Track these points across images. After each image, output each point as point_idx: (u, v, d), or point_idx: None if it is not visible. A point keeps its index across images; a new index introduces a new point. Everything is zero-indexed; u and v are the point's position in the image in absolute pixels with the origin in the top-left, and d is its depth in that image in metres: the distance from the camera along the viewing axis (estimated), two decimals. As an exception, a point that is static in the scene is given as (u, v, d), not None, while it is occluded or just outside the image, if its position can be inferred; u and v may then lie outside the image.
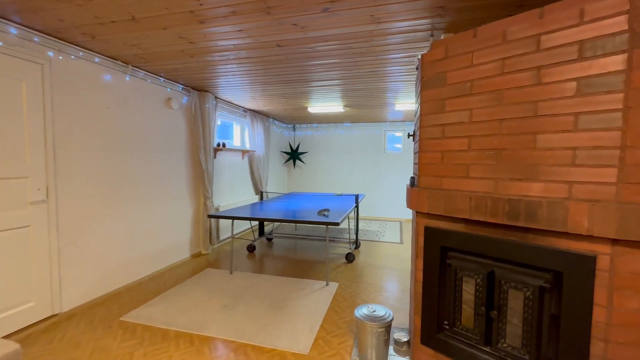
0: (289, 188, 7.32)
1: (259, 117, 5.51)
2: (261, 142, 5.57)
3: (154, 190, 3.28)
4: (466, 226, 1.50)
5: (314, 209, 3.67)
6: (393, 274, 3.38)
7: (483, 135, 1.44)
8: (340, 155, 6.95)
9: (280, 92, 3.94)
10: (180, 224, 3.71)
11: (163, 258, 3.46)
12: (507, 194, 1.36)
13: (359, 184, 6.86)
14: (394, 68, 2.91)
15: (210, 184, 4.04)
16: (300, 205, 4.05)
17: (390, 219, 6.65)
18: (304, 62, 2.78)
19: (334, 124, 6.91)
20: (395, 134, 6.69)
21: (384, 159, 6.71)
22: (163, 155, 3.40)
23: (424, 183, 1.67)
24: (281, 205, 3.99)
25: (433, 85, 1.62)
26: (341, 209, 3.65)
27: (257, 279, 3.19)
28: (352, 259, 3.79)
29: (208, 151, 3.98)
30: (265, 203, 4.24)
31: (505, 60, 1.36)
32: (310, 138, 7.10)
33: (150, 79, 3.18)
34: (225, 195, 4.65)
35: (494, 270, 1.41)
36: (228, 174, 4.74)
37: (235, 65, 2.87)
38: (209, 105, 3.95)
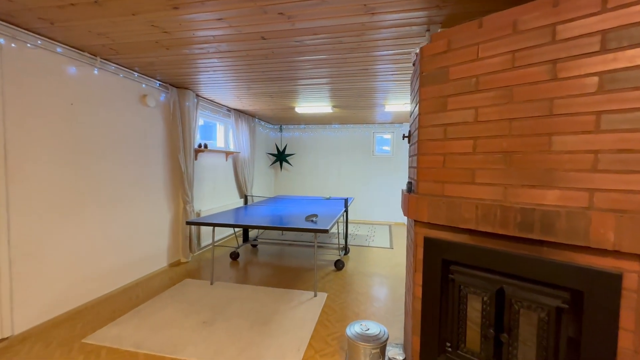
0: (275, 191, 7.09)
1: (244, 117, 5.28)
2: (246, 144, 5.33)
3: (126, 195, 3.01)
4: (471, 237, 1.35)
5: (302, 214, 3.48)
6: (384, 283, 3.23)
7: (490, 137, 1.29)
8: (328, 158, 6.78)
9: (266, 91, 3.74)
10: (157, 231, 3.44)
11: (137, 268, 3.18)
12: (519, 202, 1.22)
13: (348, 186, 6.72)
14: (385, 66, 2.77)
15: (191, 187, 3.78)
16: (287, 209, 3.85)
17: (379, 223, 6.53)
18: (291, 58, 2.60)
19: (322, 125, 6.74)
20: (384, 136, 6.59)
21: (373, 161, 6.59)
22: (137, 156, 3.14)
23: (424, 189, 1.51)
24: (267, 210, 3.78)
25: (433, 81, 1.47)
26: (330, 214, 3.47)
27: (240, 290, 2.97)
28: (341, 266, 3.61)
29: (188, 152, 3.72)
30: (250, 207, 4.01)
31: (515, 53, 1.22)
32: (297, 139, 6.91)
33: (123, 73, 2.92)
34: (207, 199, 4.39)
35: (504, 288, 1.26)
36: (210, 177, 4.49)
37: (216, 59, 2.66)
38: (190, 103, 3.71)
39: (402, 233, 5.59)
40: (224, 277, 3.32)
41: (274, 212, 3.65)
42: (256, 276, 3.37)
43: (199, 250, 4.19)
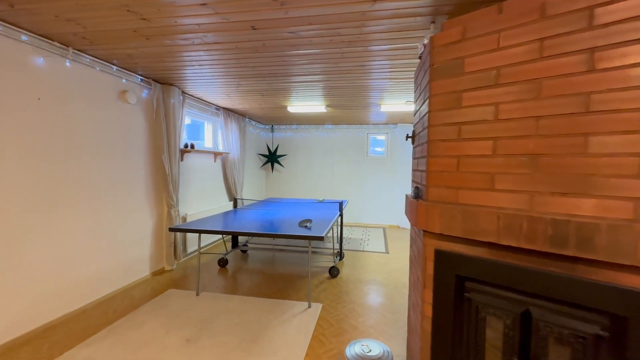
0: (266, 194, 6.87)
1: (234, 116, 5.05)
2: (236, 144, 5.11)
3: (104, 199, 2.76)
4: (490, 251, 1.19)
5: (295, 219, 3.29)
6: (381, 291, 3.06)
7: (513, 137, 1.14)
8: (321, 159, 6.61)
9: (257, 88, 3.53)
10: (138, 237, 3.19)
11: (115, 278, 2.93)
12: (548, 212, 1.06)
13: (341, 189, 6.55)
14: (383, 62, 2.61)
15: (176, 190, 3.54)
16: (279, 214, 3.65)
17: (373, 226, 6.38)
18: (284, 52, 2.41)
19: (314, 126, 6.56)
20: (378, 137, 6.45)
21: (367, 162, 6.44)
22: (117, 157, 2.89)
23: (434, 195, 1.35)
24: (258, 214, 3.57)
25: (446, 74, 1.30)
26: (325, 219, 3.29)
27: (228, 302, 2.75)
28: (336, 273, 3.43)
29: (173, 153, 3.49)
30: (240, 211, 3.79)
31: (544, 41, 1.06)
32: (289, 140, 6.71)
33: (100, 66, 2.68)
34: (193, 202, 4.15)
35: (530, 310, 1.10)
36: (197, 179, 4.25)
37: (203, 52, 2.45)
38: (175, 100, 3.47)
39: (396, 236, 5.45)
40: (211, 287, 3.10)
41: (265, 216, 3.45)
42: (246, 285, 3.16)
43: (185, 257, 3.95)
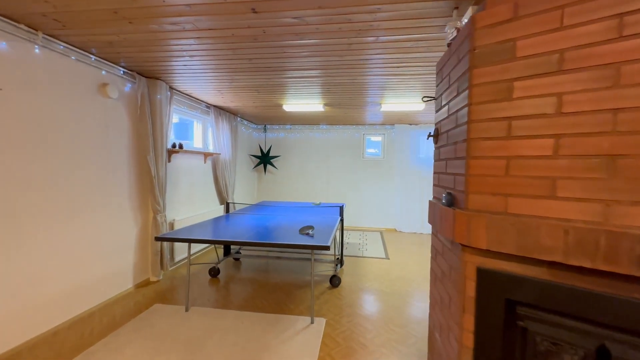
0: (258, 197, 6.59)
1: (225, 115, 4.77)
2: (227, 144, 4.82)
3: (79, 205, 2.45)
4: (553, 272, 0.99)
5: (293, 225, 3.05)
6: (387, 301, 2.85)
7: (582, 134, 0.94)
8: (315, 160, 6.38)
9: (253, 84, 3.28)
10: (120, 246, 2.88)
11: (94, 293, 2.61)
12: (630, 225, 0.86)
13: (336, 191, 6.34)
14: (393, 56, 2.41)
15: (162, 193, 3.25)
16: (275, 219, 3.40)
17: (370, 229, 6.19)
18: (286, 42, 2.17)
19: (309, 126, 6.34)
20: (372, 138, 6.27)
21: (363, 164, 6.26)
22: (95, 157, 2.59)
23: (476, 204, 1.14)
24: (252, 220, 3.31)
25: (492, 60, 1.10)
26: (326, 224, 3.06)
27: (221, 318, 2.48)
28: (337, 282, 3.21)
29: (160, 153, 3.19)
30: (233, 216, 3.52)
31: (624, 17, 0.87)
32: (282, 140, 6.46)
33: (76, 55, 2.37)
34: (182, 206, 3.85)
35: (607, 346, 0.90)
36: (186, 181, 3.95)
37: (194, 41, 2.19)
38: (162, 96, 3.18)
39: (395, 240, 5.27)
40: (201, 300, 2.82)
41: (261, 222, 3.19)
42: (240, 297, 2.89)
43: (173, 266, 3.64)
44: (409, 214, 6.01)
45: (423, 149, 5.95)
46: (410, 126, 5.94)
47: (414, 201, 5.99)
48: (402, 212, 6.04)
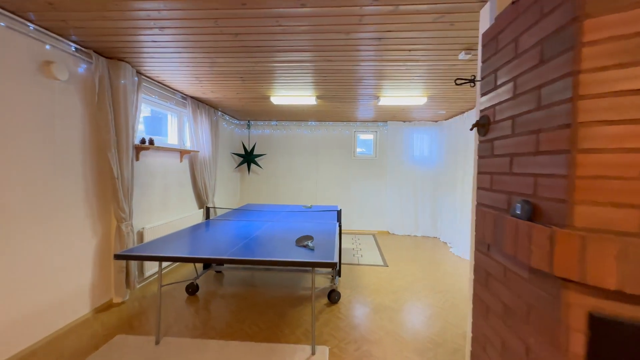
0: (242, 199, 6.07)
1: (205, 108, 4.25)
2: (207, 141, 4.31)
3: (18, 216, 1.91)
4: None
5: (286, 234, 2.62)
6: (396, 320, 2.49)
7: None
8: (304, 159, 5.95)
9: (237, 69, 2.82)
10: (74, 264, 2.34)
11: (38, 325, 2.07)
12: None
13: (326, 192, 5.94)
14: (409, 35, 2.04)
15: (128, 197, 2.72)
16: (263, 225, 2.95)
17: (362, 232, 5.84)
18: (281, 9, 1.75)
19: (296, 123, 5.90)
20: (362, 136, 5.92)
21: (354, 163, 5.90)
22: (39, 155, 2.04)
23: (588, 219, 0.77)
24: (237, 228, 2.85)
25: (618, 3, 0.73)
26: (324, 233, 2.65)
27: (201, 352, 2.02)
28: (337, 298, 2.81)
29: (124, 150, 2.66)
30: (214, 223, 3.04)
31: None
32: (268, 138, 5.98)
33: (7, 20, 1.83)
34: (154, 212, 3.32)
35: None
36: (159, 183, 3.42)
37: (164, 7, 1.71)
38: (127, 82, 2.65)
39: (390, 244, 4.94)
40: (177, 327, 2.34)
41: (248, 230, 2.74)
42: (224, 321, 2.43)
43: (142, 283, 3.11)
44: (403, 215, 5.72)
45: (417, 147, 5.67)
46: (404, 123, 5.64)
47: (408, 202, 5.70)
48: (396, 214, 5.74)
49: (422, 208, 5.69)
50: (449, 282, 3.38)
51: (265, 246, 2.18)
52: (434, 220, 5.66)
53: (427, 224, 5.67)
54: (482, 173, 1.30)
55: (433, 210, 5.67)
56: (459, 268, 3.84)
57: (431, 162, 5.67)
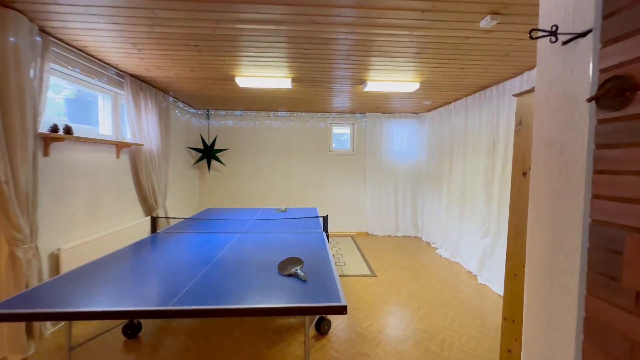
0: (201, 202, 5.23)
1: (150, 91, 3.40)
2: (155, 132, 3.47)
3: None
4: None
5: (263, 254, 1.98)
6: (406, 356, 1.99)
7: None
8: (273, 154, 5.27)
9: (188, 33, 2.09)
10: None
11: None
12: None
13: (299, 191, 5.33)
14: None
15: (30, 209, 1.89)
16: (229, 239, 2.28)
17: (340, 234, 5.33)
18: None
19: (264, 113, 5.19)
20: (340, 128, 5.39)
21: (330, 159, 5.35)
22: None
23: None
24: (193, 245, 2.15)
25: None
26: (312, 248, 2.06)
27: None
28: (327, 329, 2.23)
29: (20, 141, 1.82)
30: (163, 239, 2.30)
31: None
32: (231, 130, 5.20)
33: None
34: (77, 226, 2.47)
35: None
36: (85, 186, 2.56)
37: None
38: (22, 42, 1.81)
39: (371, 247, 4.49)
40: (104, 399, 1.60)
41: (209, 249, 2.05)
42: (177, 380, 1.74)
43: (55, 328, 2.27)
44: (383, 215, 5.31)
45: (397, 141, 5.27)
46: (383, 115, 5.20)
47: (388, 201, 5.29)
48: (375, 213, 5.31)
49: (403, 206, 5.32)
50: (448, 292, 2.98)
51: (236, 278, 1.53)
52: (415, 219, 5.32)
53: (407, 224, 5.32)
54: (604, 172, 0.80)
55: (414, 208, 5.33)
56: (452, 273, 3.48)
57: (411, 157, 5.31)
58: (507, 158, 3.05)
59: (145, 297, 1.28)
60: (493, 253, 3.22)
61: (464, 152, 3.90)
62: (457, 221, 4.02)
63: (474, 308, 2.67)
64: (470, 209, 3.74)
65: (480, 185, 3.51)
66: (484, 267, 3.36)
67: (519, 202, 1.59)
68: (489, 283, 3.17)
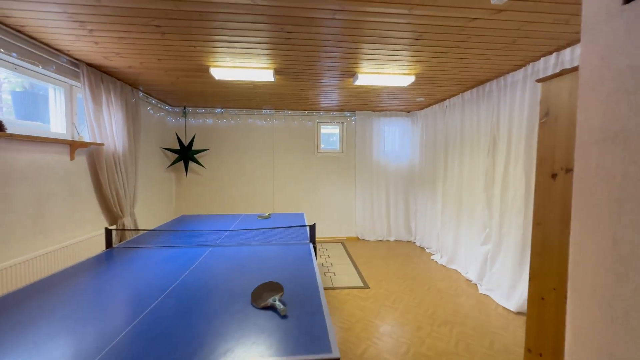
0: (178, 208, 4.82)
1: (114, 83, 3.00)
2: (120, 130, 3.07)
3: None
4: None
5: (236, 275, 1.65)
6: (407, 391, 1.68)
7: None
8: (257, 156, 4.92)
9: (145, 9, 1.73)
10: None
11: None
12: None
13: (285, 194, 4.99)
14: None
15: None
16: (199, 256, 1.93)
17: (329, 240, 5.02)
18: None
19: (247, 111, 4.83)
20: (328, 127, 5.08)
21: (318, 160, 5.04)
22: None
23: None
24: (154, 263, 1.78)
25: None
26: (297, 266, 1.73)
27: None
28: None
29: None
30: (119, 256, 1.92)
31: None
32: (211, 129, 4.81)
33: None
34: (15, 242, 2.06)
35: None
36: (26, 194, 2.15)
37: None
38: None
39: (363, 254, 4.19)
40: None
41: (173, 269, 1.70)
42: None
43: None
44: (374, 219, 5.02)
45: (389, 141, 5.01)
46: (374, 113, 4.93)
47: (380, 203, 5.02)
48: (366, 217, 5.02)
49: (395, 209, 5.05)
50: (448, 306, 2.70)
51: (195, 317, 1.18)
52: (408, 222, 5.06)
53: (400, 227, 5.05)
54: None
55: (406, 211, 5.07)
56: (451, 283, 3.22)
57: (404, 158, 5.05)
58: (509, 157, 2.81)
59: (49, 355, 0.92)
60: (495, 261, 2.97)
61: (460, 151, 3.66)
62: (453, 225, 3.77)
63: (479, 325, 2.39)
64: (468, 213, 3.49)
65: (479, 187, 3.26)
66: (484, 276, 3.10)
67: (547, 210, 1.31)
68: (491, 294, 2.92)
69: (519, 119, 2.69)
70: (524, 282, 2.58)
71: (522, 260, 2.64)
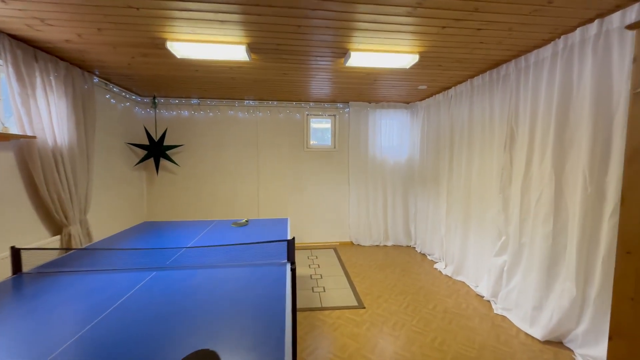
0: (149, 211, 4.28)
1: (55, 63, 2.46)
2: (64, 121, 2.54)
3: None
4: None
5: (174, 317, 1.14)
6: None
7: None
8: (239, 152, 4.39)
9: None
10: None
11: None
12: None
13: (271, 196, 4.48)
14: None
15: None
16: (129, 287, 1.42)
17: (320, 245, 4.53)
18: None
19: (227, 102, 4.29)
20: (316, 121, 4.57)
21: (307, 157, 4.53)
22: None
23: None
24: (58, 305, 1.27)
25: None
26: (261, 308, 1.23)
27: None
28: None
29: None
30: (22, 286, 1.40)
31: None
32: (186, 122, 4.27)
33: None
34: None
35: None
36: None
37: None
38: None
39: (357, 262, 3.71)
40: None
41: (80, 314, 1.19)
42: None
43: None
44: (370, 221, 4.54)
45: (386, 136, 4.52)
46: (369, 104, 4.43)
47: (376, 205, 4.54)
48: (361, 219, 4.54)
49: (393, 211, 4.58)
50: (460, 332, 2.23)
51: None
52: (407, 225, 4.59)
53: (398, 231, 4.58)
54: None
55: (405, 213, 4.60)
56: (459, 299, 2.75)
57: (402, 154, 4.57)
58: (532, 153, 2.34)
59: None
60: (512, 275, 2.50)
61: (468, 146, 3.18)
62: (460, 231, 3.30)
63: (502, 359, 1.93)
64: (478, 217, 3.02)
65: (493, 187, 2.79)
66: (499, 292, 2.64)
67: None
68: (509, 315, 2.46)
69: (546, 106, 2.21)
70: (553, 303, 2.12)
71: (551, 277, 2.17)
